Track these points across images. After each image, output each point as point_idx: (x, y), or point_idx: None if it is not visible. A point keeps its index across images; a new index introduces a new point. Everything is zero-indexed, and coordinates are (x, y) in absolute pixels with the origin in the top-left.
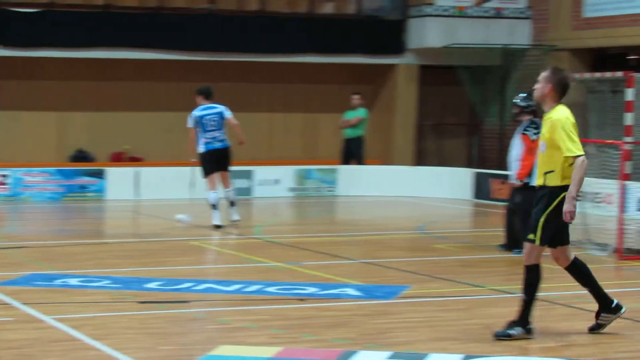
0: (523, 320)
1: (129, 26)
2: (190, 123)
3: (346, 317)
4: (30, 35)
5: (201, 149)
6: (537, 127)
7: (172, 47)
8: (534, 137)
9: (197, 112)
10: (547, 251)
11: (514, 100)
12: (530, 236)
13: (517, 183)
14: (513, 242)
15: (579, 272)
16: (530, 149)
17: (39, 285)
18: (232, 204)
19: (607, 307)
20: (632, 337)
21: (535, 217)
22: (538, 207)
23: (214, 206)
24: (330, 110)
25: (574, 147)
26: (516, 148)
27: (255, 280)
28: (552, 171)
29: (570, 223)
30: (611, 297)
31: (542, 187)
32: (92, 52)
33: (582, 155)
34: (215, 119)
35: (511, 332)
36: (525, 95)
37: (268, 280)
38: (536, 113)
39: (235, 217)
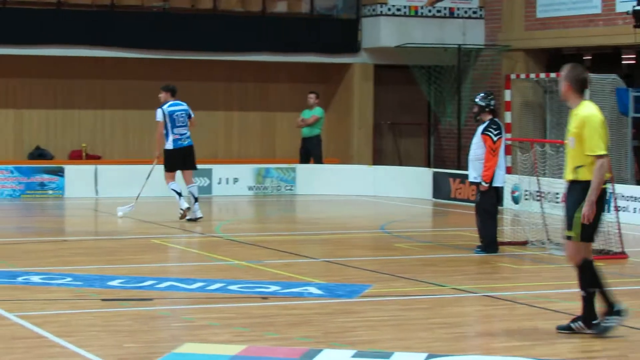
0: (611, 310)
1: (83, 23)
2: (159, 117)
3: (309, 316)
4: None
5: (169, 145)
6: (498, 127)
7: (127, 45)
8: (496, 137)
9: (167, 108)
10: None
11: (474, 99)
12: (569, 233)
13: (485, 185)
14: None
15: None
16: (492, 149)
17: (0, 283)
18: (195, 200)
19: (588, 320)
20: (599, 337)
21: (569, 214)
22: (570, 201)
23: (180, 194)
24: (287, 109)
25: (596, 147)
26: (477, 148)
27: (218, 279)
28: (582, 165)
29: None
30: (597, 315)
31: (574, 182)
32: (46, 49)
33: (603, 154)
34: (183, 115)
35: (609, 323)
36: (484, 94)
37: (230, 279)
38: (496, 112)
39: (199, 214)
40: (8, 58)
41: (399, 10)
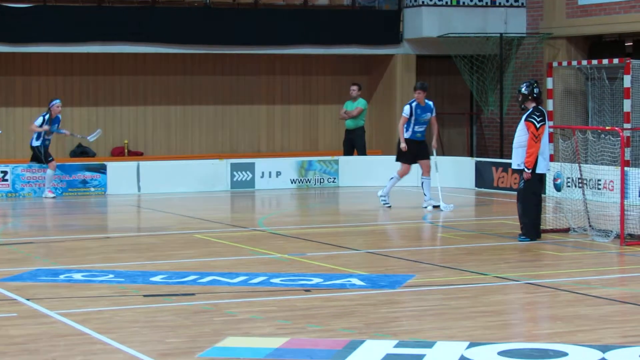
0: None
1: (124, 20)
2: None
3: (352, 307)
4: (23, 30)
5: None
6: (541, 114)
7: (167, 41)
8: (539, 124)
9: None
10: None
11: (519, 88)
12: None
13: (527, 171)
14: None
15: None
16: (535, 136)
17: (43, 281)
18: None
19: None
20: (638, 321)
21: None
22: None
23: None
24: (329, 101)
25: None
26: (520, 135)
27: (260, 272)
28: None
29: None
30: None
31: None
32: (87, 46)
33: None
34: None
35: None
36: (528, 82)
37: (273, 272)
38: (539, 100)
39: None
40: (49, 56)
41: (440, 0)
